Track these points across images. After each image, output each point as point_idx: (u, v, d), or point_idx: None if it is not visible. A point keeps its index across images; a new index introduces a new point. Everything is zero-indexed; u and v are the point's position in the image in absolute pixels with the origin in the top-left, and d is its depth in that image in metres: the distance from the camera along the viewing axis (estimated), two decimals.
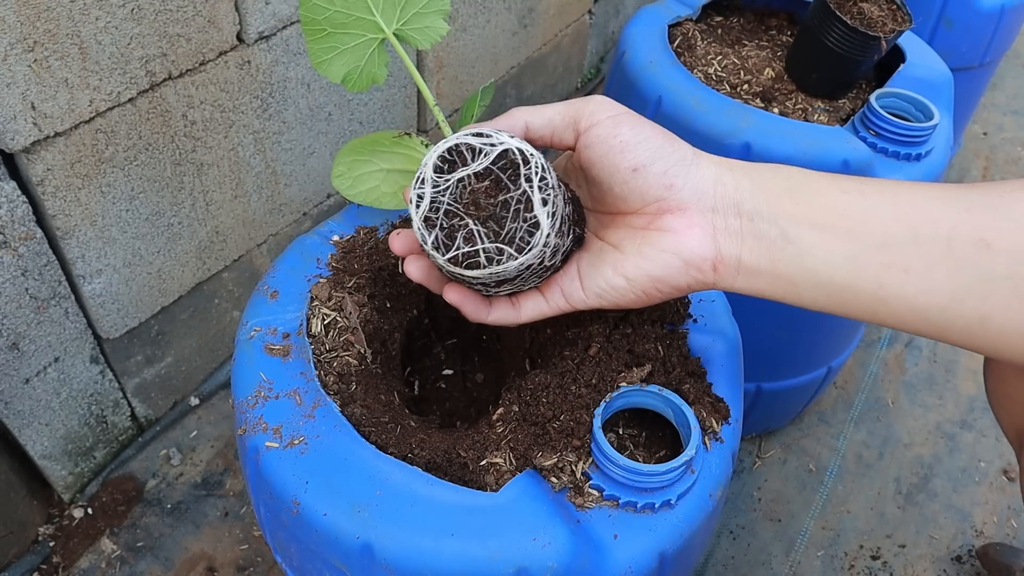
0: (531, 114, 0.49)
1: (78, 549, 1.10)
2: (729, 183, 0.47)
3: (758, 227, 0.46)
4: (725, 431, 0.56)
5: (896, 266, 0.44)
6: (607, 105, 0.48)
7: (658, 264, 0.47)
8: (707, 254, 0.47)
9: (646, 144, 0.46)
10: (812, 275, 0.46)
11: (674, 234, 0.47)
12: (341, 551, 0.50)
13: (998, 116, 2.19)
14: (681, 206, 0.47)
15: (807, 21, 0.99)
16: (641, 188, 0.47)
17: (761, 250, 0.46)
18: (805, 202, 0.46)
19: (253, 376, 0.57)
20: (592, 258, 0.51)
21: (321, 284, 0.63)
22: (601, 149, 0.47)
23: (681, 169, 0.47)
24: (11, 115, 0.79)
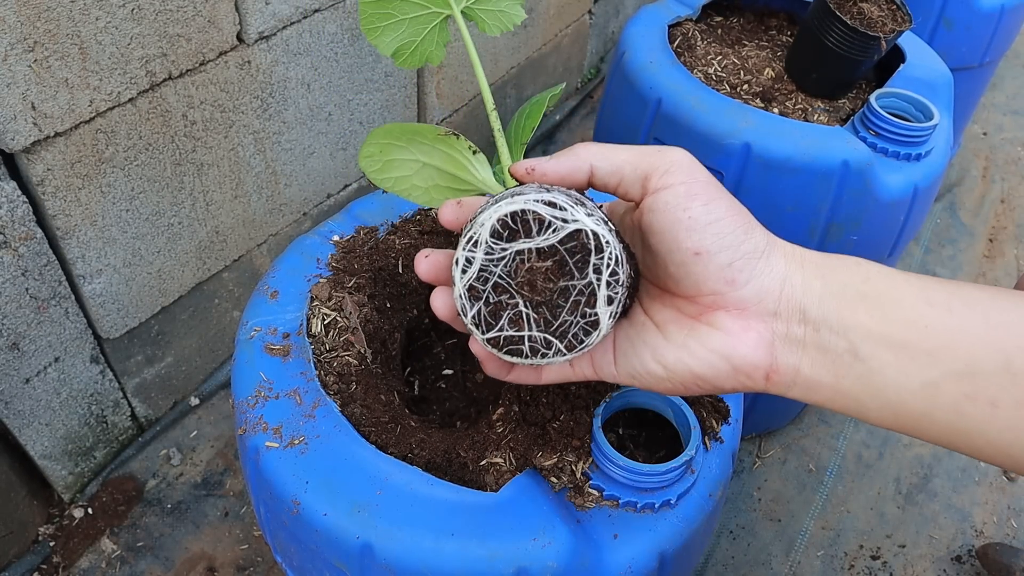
0: (599, 156, 0.43)
1: (78, 549, 1.10)
2: (798, 284, 0.42)
3: (824, 338, 0.41)
4: (725, 431, 0.56)
5: (982, 399, 0.38)
6: (685, 167, 0.42)
7: (704, 363, 0.43)
8: (761, 363, 0.42)
9: (717, 227, 0.41)
10: (881, 397, 0.40)
11: (726, 335, 0.42)
12: (341, 551, 0.50)
13: (998, 116, 2.19)
14: (739, 305, 0.42)
15: (807, 21, 0.99)
16: (700, 276, 0.41)
17: (825, 364, 0.41)
18: (882, 315, 0.40)
19: (253, 376, 0.58)
20: (632, 334, 0.46)
21: (321, 284, 0.63)
22: (666, 220, 0.41)
23: (748, 264, 0.41)
24: (11, 115, 0.79)
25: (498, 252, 0.38)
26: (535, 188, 0.40)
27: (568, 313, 0.39)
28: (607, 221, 0.40)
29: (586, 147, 0.44)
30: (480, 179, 0.51)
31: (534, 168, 0.43)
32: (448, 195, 0.52)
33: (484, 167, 0.51)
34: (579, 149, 0.43)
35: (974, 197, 1.92)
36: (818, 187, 0.93)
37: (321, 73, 1.14)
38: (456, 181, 0.52)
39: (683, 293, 0.43)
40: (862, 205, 0.94)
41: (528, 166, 0.43)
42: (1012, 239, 1.82)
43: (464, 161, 0.52)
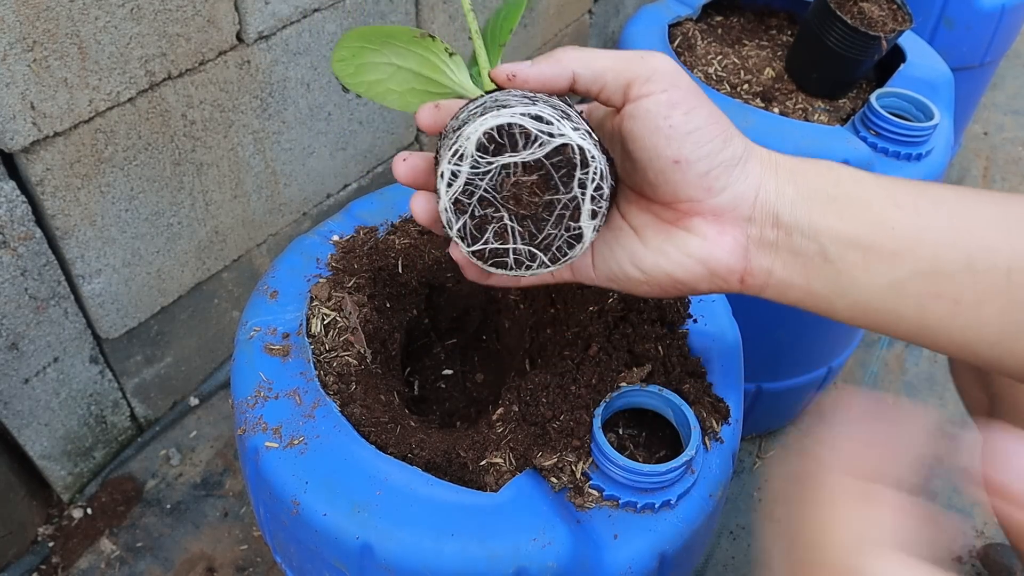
0: (580, 63, 0.42)
1: (77, 549, 1.10)
2: (771, 190, 0.42)
3: (795, 241, 0.42)
4: (725, 431, 0.56)
5: (945, 296, 0.40)
6: (667, 75, 0.41)
7: (681, 267, 0.44)
8: (736, 266, 0.43)
9: (696, 136, 0.41)
10: (850, 296, 0.42)
11: (703, 239, 0.43)
12: (341, 551, 0.50)
13: (999, 116, 2.19)
14: (716, 211, 0.42)
15: (807, 21, 0.99)
16: (678, 183, 0.42)
17: (796, 266, 0.42)
18: (851, 216, 0.41)
19: (253, 376, 0.57)
20: (610, 238, 0.46)
21: (321, 284, 0.63)
22: (647, 128, 0.41)
23: (725, 172, 0.42)
24: (10, 115, 0.79)
25: (484, 166, 0.38)
26: (518, 96, 0.40)
27: (552, 226, 0.40)
28: (592, 133, 0.40)
29: (567, 52, 0.43)
30: (457, 82, 0.49)
31: (515, 74, 0.42)
32: (424, 99, 0.50)
33: (461, 70, 0.49)
34: (560, 55, 0.43)
35: None
36: None
37: (321, 73, 1.14)
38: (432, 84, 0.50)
39: (661, 199, 0.44)
40: None
41: (509, 71, 0.42)
42: None
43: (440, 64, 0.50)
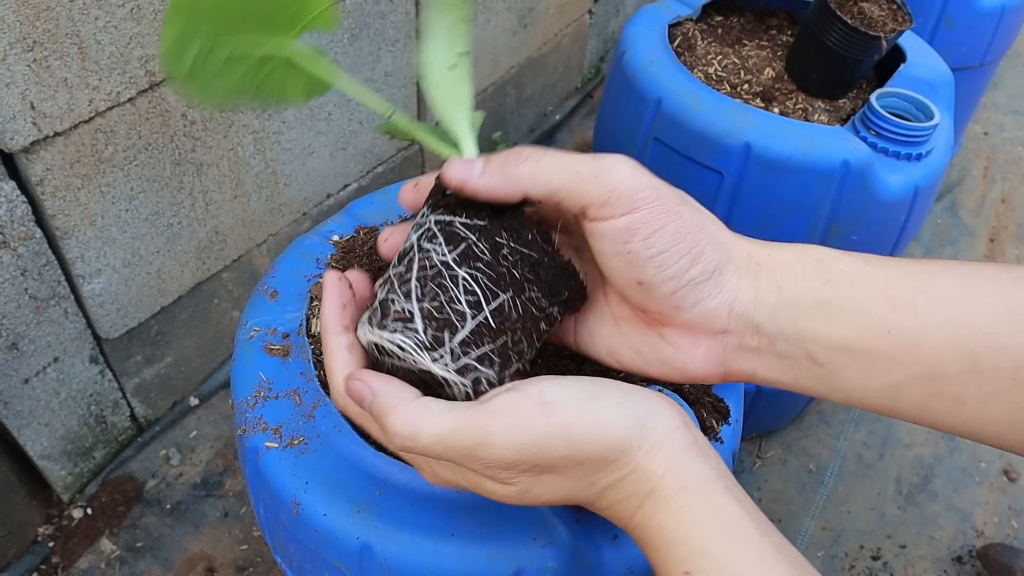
0: (531, 180, 0.39)
1: (77, 549, 1.10)
2: (748, 301, 0.40)
3: (779, 348, 0.40)
4: (725, 431, 0.56)
5: (946, 396, 0.37)
6: (624, 196, 0.38)
7: (656, 370, 0.43)
8: (712, 373, 0.42)
9: (658, 260, 0.38)
10: (842, 393, 0.39)
11: (676, 350, 0.42)
12: (341, 551, 0.50)
13: (999, 116, 2.19)
14: (686, 326, 0.41)
15: (807, 21, 0.99)
16: (644, 301, 0.40)
17: (782, 368, 0.40)
18: (843, 322, 0.38)
19: (253, 376, 0.57)
20: (591, 320, 0.45)
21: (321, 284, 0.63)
22: (606, 250, 0.39)
23: (692, 290, 0.39)
24: (10, 115, 0.79)
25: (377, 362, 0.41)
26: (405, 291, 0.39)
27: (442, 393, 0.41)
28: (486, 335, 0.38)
29: (519, 166, 0.39)
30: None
31: (464, 186, 0.39)
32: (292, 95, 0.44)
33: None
34: (512, 169, 0.39)
35: (975, 197, 1.92)
36: (818, 187, 0.92)
37: None
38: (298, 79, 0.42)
39: (636, 307, 0.42)
40: (862, 205, 0.94)
41: (459, 181, 0.39)
42: (1013, 239, 1.82)
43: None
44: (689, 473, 0.38)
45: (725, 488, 0.38)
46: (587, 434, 0.37)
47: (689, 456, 0.38)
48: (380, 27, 1.20)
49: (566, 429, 0.37)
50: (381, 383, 0.39)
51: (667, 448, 0.38)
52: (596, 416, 0.37)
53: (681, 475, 0.38)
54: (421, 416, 0.37)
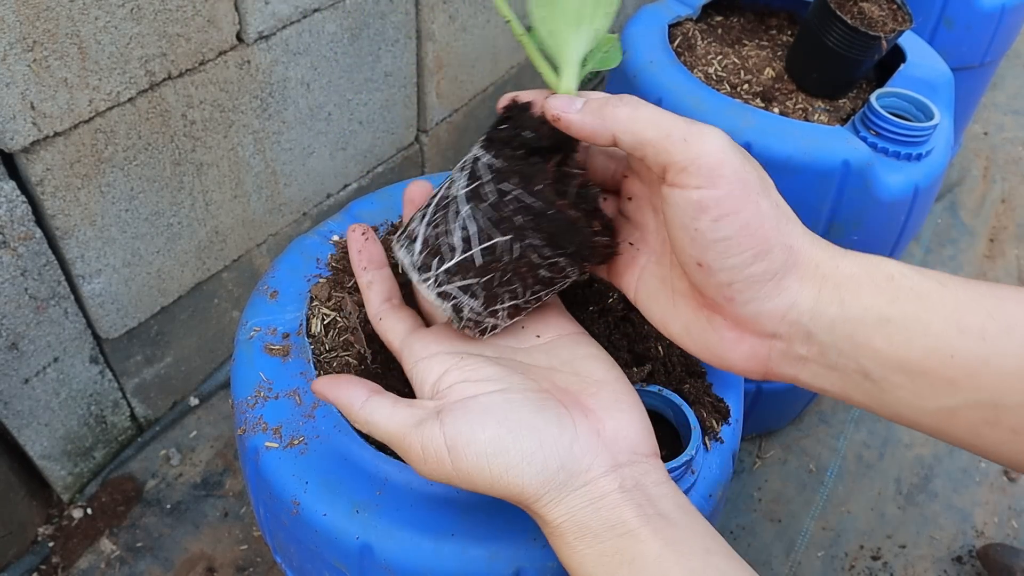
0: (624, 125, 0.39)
1: (77, 549, 1.10)
2: (806, 309, 0.38)
3: (830, 359, 0.38)
4: (725, 431, 0.56)
5: (1003, 425, 0.35)
6: (706, 169, 0.37)
7: (701, 351, 0.42)
8: (754, 369, 0.41)
9: (722, 247, 0.37)
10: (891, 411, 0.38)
11: (721, 339, 0.40)
12: (341, 551, 0.50)
13: (999, 116, 2.19)
14: (736, 321, 0.39)
15: (807, 21, 0.99)
16: (700, 283, 0.39)
17: (830, 378, 0.38)
18: (904, 341, 0.36)
19: (253, 376, 0.57)
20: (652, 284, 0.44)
21: (321, 284, 0.63)
22: (674, 219, 0.38)
23: (749, 287, 0.38)
24: (10, 115, 0.79)
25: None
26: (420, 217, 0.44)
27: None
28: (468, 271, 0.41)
29: (617, 108, 0.39)
30: None
31: (559, 119, 0.40)
32: None
33: None
34: (609, 110, 0.39)
35: (975, 197, 1.92)
36: (818, 187, 0.92)
37: (321, 73, 1.14)
38: None
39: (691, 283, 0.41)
40: (863, 205, 0.94)
41: (556, 114, 0.40)
42: (1013, 239, 1.82)
43: None
44: (591, 522, 0.38)
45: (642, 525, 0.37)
46: (486, 486, 0.39)
47: (598, 506, 0.38)
48: (380, 27, 1.20)
49: (468, 476, 0.39)
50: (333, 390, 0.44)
51: (572, 500, 0.39)
52: (496, 471, 0.38)
53: (582, 524, 0.38)
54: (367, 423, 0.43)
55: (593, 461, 0.39)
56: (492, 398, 0.41)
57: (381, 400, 0.43)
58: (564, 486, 0.39)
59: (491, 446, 0.39)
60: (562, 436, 0.39)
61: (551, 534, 0.40)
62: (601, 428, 0.41)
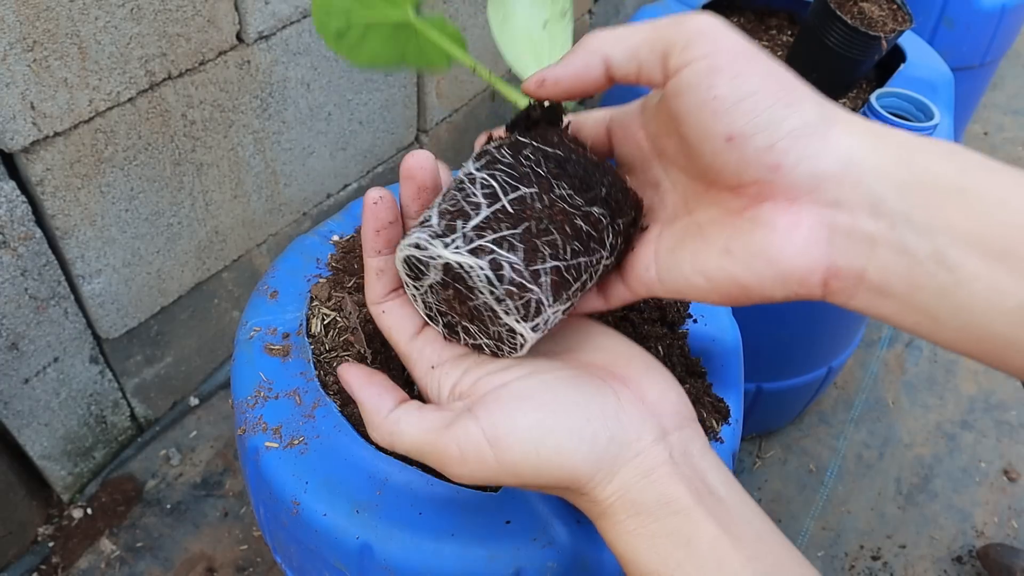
0: (611, 43, 0.36)
1: (77, 549, 1.10)
2: (869, 167, 0.32)
3: (902, 237, 0.32)
4: (725, 431, 0.56)
5: None
6: (706, 37, 0.34)
7: (747, 270, 0.35)
8: (815, 267, 0.34)
9: (749, 104, 0.33)
10: (963, 316, 0.32)
11: (772, 231, 0.34)
12: (341, 551, 0.50)
13: (999, 116, 2.19)
14: (790, 194, 0.33)
15: (807, 21, 0.99)
16: (736, 164, 0.34)
17: (899, 269, 0.32)
18: (981, 215, 0.31)
19: (253, 376, 0.57)
20: (672, 243, 0.39)
21: (321, 284, 0.63)
22: (691, 103, 0.34)
23: (796, 143, 0.33)
24: (10, 115, 0.79)
25: (418, 287, 0.40)
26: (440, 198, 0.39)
27: (491, 324, 0.38)
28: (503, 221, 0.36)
29: (595, 36, 0.37)
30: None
31: (544, 79, 0.38)
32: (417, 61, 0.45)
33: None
34: (588, 41, 0.37)
35: None
36: None
37: (321, 73, 1.14)
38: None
39: (725, 184, 0.36)
40: None
41: (537, 80, 0.38)
42: None
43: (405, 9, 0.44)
44: (644, 498, 0.36)
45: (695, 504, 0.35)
46: (534, 475, 0.36)
47: (651, 479, 0.36)
48: None
49: (515, 468, 0.36)
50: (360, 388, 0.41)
51: (624, 475, 0.36)
52: (545, 455, 0.36)
53: (635, 501, 0.36)
54: (393, 434, 0.39)
55: (642, 429, 0.37)
56: (525, 382, 0.38)
57: (409, 408, 0.40)
58: (616, 459, 0.36)
59: (535, 431, 0.36)
60: (606, 407, 0.37)
61: (601, 515, 0.37)
62: (644, 395, 0.38)
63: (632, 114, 0.42)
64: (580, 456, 0.36)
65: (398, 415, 0.40)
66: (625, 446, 0.36)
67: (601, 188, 0.38)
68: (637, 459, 0.36)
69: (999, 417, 1.43)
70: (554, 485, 0.37)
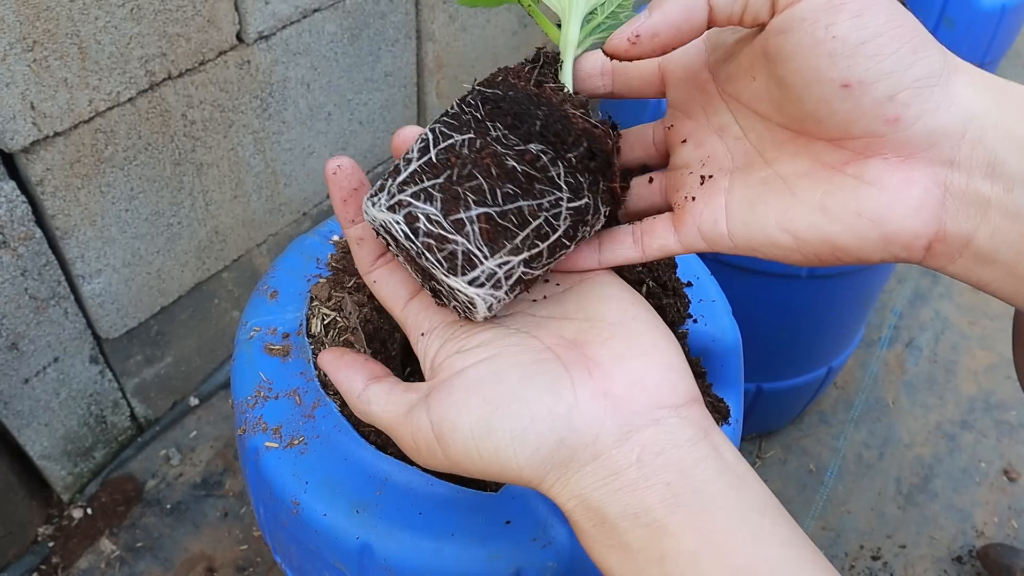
0: None
1: (77, 549, 1.10)
2: (990, 124, 0.30)
3: (1018, 202, 0.30)
4: (725, 431, 0.56)
5: None
6: None
7: (847, 230, 0.32)
8: (924, 231, 0.31)
9: (872, 47, 0.29)
10: None
11: (881, 191, 0.31)
12: (341, 551, 0.50)
13: None
14: (904, 150, 0.31)
15: None
16: (850, 114, 0.31)
17: (1011, 235, 0.30)
18: None
19: (253, 376, 0.57)
20: (750, 194, 0.35)
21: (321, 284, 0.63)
22: (802, 42, 0.30)
23: (918, 95, 0.30)
24: (10, 115, 0.79)
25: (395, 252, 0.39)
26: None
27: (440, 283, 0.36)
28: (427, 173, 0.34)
29: None
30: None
31: (639, 34, 0.33)
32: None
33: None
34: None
35: None
36: None
37: (321, 73, 1.14)
38: None
39: (826, 135, 0.32)
40: None
41: (630, 35, 0.33)
42: None
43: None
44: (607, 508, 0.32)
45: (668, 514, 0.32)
46: (480, 471, 0.35)
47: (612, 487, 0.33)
48: (380, 27, 1.20)
49: (459, 464, 0.35)
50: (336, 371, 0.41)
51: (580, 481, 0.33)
52: (485, 455, 0.34)
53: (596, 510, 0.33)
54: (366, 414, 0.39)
55: (600, 430, 0.33)
56: (478, 371, 0.36)
57: (377, 389, 0.40)
58: (569, 463, 0.33)
59: (476, 429, 0.34)
60: (557, 405, 0.33)
61: (569, 521, 0.35)
62: (609, 386, 0.34)
63: (694, 54, 0.38)
64: (523, 458, 0.33)
65: (368, 396, 0.40)
66: (578, 449, 0.33)
67: (536, 122, 0.35)
68: (595, 463, 0.33)
69: (999, 417, 1.43)
70: (507, 481, 0.35)
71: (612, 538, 0.32)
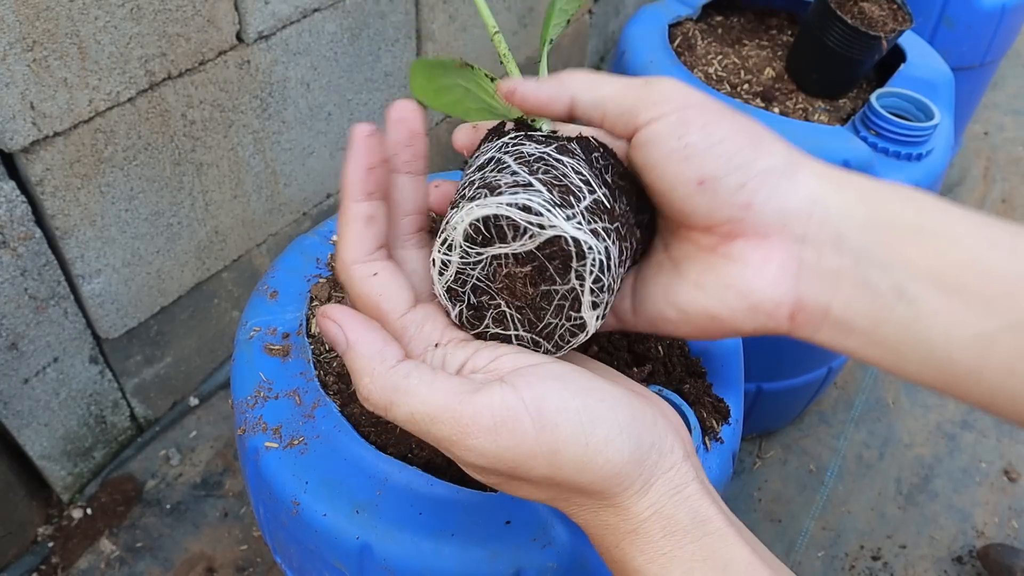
0: (582, 87, 0.38)
1: (77, 549, 1.10)
2: (833, 207, 0.35)
3: (864, 273, 0.34)
4: (725, 431, 0.56)
5: None
6: (676, 94, 0.36)
7: (719, 302, 0.37)
8: (783, 299, 0.36)
9: (720, 149, 0.35)
10: (924, 348, 0.34)
11: (744, 266, 0.36)
12: (341, 551, 0.50)
13: (999, 116, 2.19)
14: (759, 231, 0.35)
15: (807, 21, 0.99)
16: (708, 206, 0.35)
17: (862, 304, 0.34)
18: (937, 252, 0.33)
19: (253, 376, 0.57)
20: (648, 276, 0.41)
21: (321, 284, 0.63)
22: (660, 152, 0.36)
23: (765, 183, 0.35)
24: (10, 115, 0.79)
25: (474, 256, 0.35)
26: (516, 164, 0.36)
27: (553, 316, 0.36)
28: (604, 213, 0.35)
29: (571, 75, 0.39)
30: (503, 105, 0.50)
31: (515, 90, 0.39)
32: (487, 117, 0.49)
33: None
34: (563, 77, 0.39)
35: (975, 197, 1.92)
36: None
37: (321, 73, 1.14)
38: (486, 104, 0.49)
39: (698, 224, 0.37)
40: None
41: (509, 87, 0.39)
42: None
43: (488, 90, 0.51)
44: (679, 515, 0.33)
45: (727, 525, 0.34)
46: (576, 466, 0.33)
47: (684, 495, 0.34)
48: (380, 27, 1.20)
49: (555, 453, 0.32)
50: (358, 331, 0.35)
51: (659, 487, 0.34)
52: (591, 446, 0.32)
53: (670, 517, 0.33)
54: (398, 390, 0.34)
55: (675, 442, 0.35)
56: (558, 366, 0.35)
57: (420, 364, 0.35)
58: (656, 468, 0.34)
59: (585, 414, 0.33)
60: (645, 411, 0.34)
61: (631, 533, 0.34)
62: (665, 411, 0.37)
63: None
64: (627, 453, 0.33)
65: (408, 368, 0.34)
66: (664, 455, 0.34)
67: (648, 213, 0.39)
68: (671, 472, 0.34)
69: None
70: (588, 483, 0.33)
71: (681, 547, 0.33)
